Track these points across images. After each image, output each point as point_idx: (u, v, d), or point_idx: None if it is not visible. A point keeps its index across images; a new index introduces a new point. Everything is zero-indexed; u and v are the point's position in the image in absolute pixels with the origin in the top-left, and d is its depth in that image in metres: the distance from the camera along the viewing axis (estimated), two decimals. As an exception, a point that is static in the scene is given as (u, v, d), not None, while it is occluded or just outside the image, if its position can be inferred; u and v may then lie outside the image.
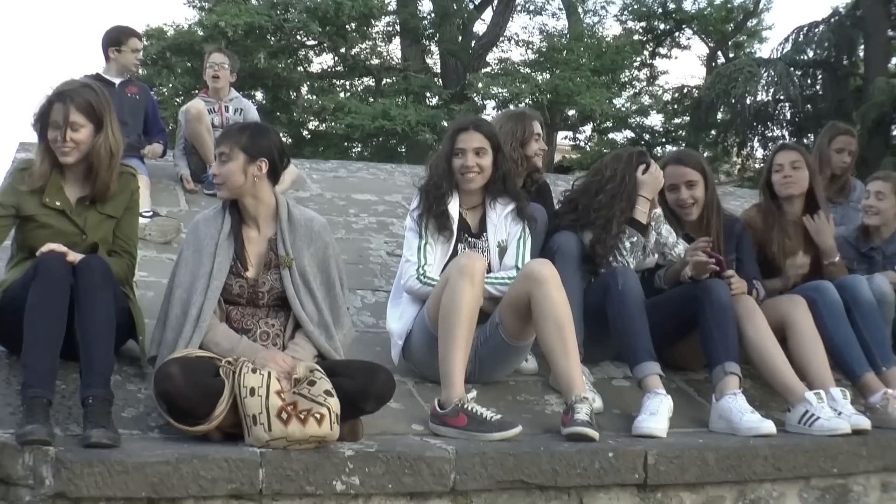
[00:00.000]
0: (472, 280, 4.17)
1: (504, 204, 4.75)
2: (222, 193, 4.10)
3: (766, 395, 4.92)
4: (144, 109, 7.17)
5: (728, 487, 4.15)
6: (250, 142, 4.04)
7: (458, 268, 4.21)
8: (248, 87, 20.31)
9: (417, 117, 18.61)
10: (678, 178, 5.17)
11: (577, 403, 4.04)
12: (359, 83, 24.04)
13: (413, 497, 3.64)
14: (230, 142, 4.05)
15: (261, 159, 4.03)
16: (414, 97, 20.66)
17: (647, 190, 4.92)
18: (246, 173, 4.01)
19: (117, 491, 3.23)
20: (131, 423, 3.85)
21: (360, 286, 5.63)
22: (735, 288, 4.77)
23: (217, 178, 4.06)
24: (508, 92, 19.03)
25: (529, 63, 20.87)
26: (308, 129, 23.30)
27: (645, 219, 4.89)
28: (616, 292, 4.55)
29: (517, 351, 4.54)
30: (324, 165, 8.85)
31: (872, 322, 5.04)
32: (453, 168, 4.69)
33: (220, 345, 3.88)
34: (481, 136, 4.70)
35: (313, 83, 22.86)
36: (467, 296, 4.15)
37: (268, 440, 3.49)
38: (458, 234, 4.64)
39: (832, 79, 18.96)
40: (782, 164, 5.47)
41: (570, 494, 3.88)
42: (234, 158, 4.01)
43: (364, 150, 22.19)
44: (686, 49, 24.78)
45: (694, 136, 19.95)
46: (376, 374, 3.78)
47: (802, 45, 18.92)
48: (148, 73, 20.50)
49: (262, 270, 4.06)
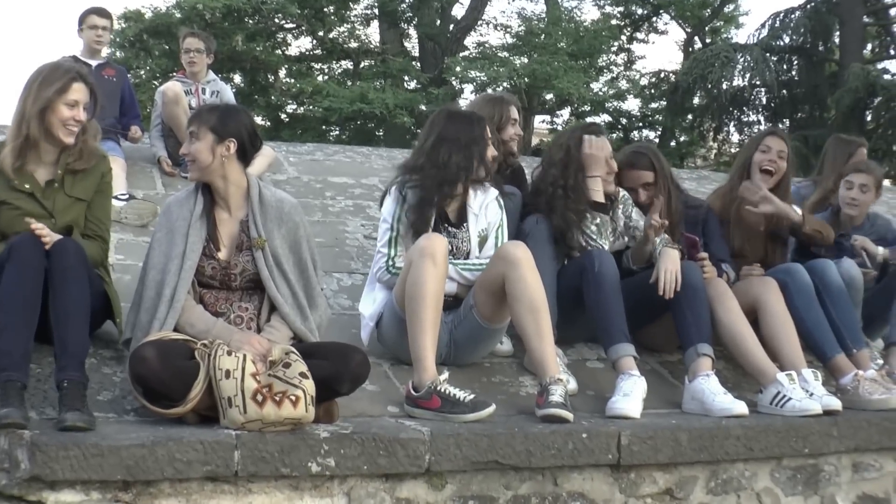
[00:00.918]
0: (434, 261, 4.16)
1: (485, 192, 4.74)
2: (192, 174, 4.11)
3: (739, 377, 4.96)
4: (121, 92, 7.14)
5: (701, 467, 4.19)
6: (219, 122, 4.04)
7: (420, 250, 4.20)
8: (226, 70, 20.22)
9: (395, 101, 18.57)
10: (634, 181, 5.22)
11: (551, 385, 4.07)
12: (337, 66, 23.96)
13: (388, 478, 3.66)
14: (199, 121, 4.06)
15: (229, 140, 4.02)
16: (392, 81, 20.59)
17: (592, 168, 4.94)
18: (214, 153, 4.01)
19: (93, 474, 3.23)
20: (107, 407, 3.85)
21: (336, 269, 5.63)
22: (707, 271, 4.81)
23: (187, 156, 4.08)
24: (486, 76, 19.02)
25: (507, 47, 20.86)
26: (286, 112, 23.22)
27: (601, 197, 4.91)
28: (592, 274, 4.57)
29: (492, 333, 4.55)
30: (301, 148, 8.83)
31: (842, 305, 5.07)
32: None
33: (196, 326, 3.89)
34: None
35: (291, 66, 22.75)
36: (431, 277, 4.14)
37: (243, 422, 3.50)
38: (436, 224, 4.61)
39: (808, 64, 19.03)
40: (770, 146, 5.45)
41: (544, 475, 3.92)
42: (202, 138, 4.02)
43: (342, 133, 22.11)
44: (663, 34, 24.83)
45: (670, 120, 19.99)
46: (351, 355, 3.79)
47: (778, 30, 18.97)
48: (125, 55, 20.39)
49: (234, 252, 4.06)
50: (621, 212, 5.02)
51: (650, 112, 22.22)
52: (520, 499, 3.87)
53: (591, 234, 4.84)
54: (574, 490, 3.96)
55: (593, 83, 21.03)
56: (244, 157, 4.11)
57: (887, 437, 4.54)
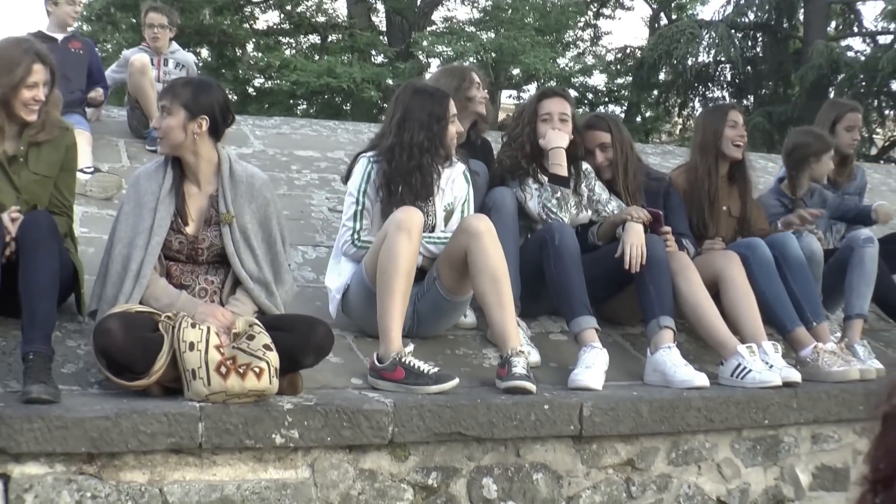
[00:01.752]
0: (409, 235, 4.17)
1: (452, 167, 4.74)
2: (162, 149, 4.08)
3: (700, 349, 5.01)
4: (88, 65, 7.08)
5: (662, 438, 4.24)
6: (192, 99, 4.00)
7: (396, 223, 4.21)
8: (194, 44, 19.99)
9: (362, 75, 18.47)
10: (591, 142, 5.26)
11: (513, 357, 4.10)
12: (304, 41, 23.79)
13: (352, 450, 3.70)
14: (172, 96, 4.01)
15: (201, 117, 3.99)
16: (359, 55, 20.49)
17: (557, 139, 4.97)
18: (186, 130, 3.98)
19: (57, 446, 3.24)
20: (71, 379, 3.85)
21: (301, 242, 5.64)
22: (669, 245, 4.85)
23: (158, 131, 4.05)
24: (453, 51, 18.91)
25: (475, 22, 20.74)
26: (253, 86, 23.05)
27: (563, 171, 4.93)
28: (553, 247, 4.60)
29: (455, 306, 4.57)
30: (267, 122, 8.80)
31: (802, 278, 5.13)
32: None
33: (160, 300, 3.88)
34: None
35: (259, 40, 22.58)
36: (405, 250, 4.15)
37: (207, 394, 3.51)
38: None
39: (772, 41, 19.08)
40: (737, 121, 5.49)
41: (506, 446, 3.96)
42: (174, 114, 3.98)
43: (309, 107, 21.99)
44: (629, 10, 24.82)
45: (636, 96, 20.00)
46: (315, 327, 3.80)
47: (744, 7, 18.98)
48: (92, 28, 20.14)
49: (202, 227, 4.05)
50: (584, 185, 5.05)
51: (616, 87, 22.22)
52: (482, 470, 3.91)
53: (552, 208, 4.87)
54: (536, 461, 4.00)
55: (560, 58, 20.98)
56: (216, 133, 4.09)
57: (846, 409, 4.60)
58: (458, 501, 3.86)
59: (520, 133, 5.03)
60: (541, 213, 4.87)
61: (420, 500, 3.80)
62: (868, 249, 5.41)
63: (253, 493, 3.53)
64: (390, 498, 3.74)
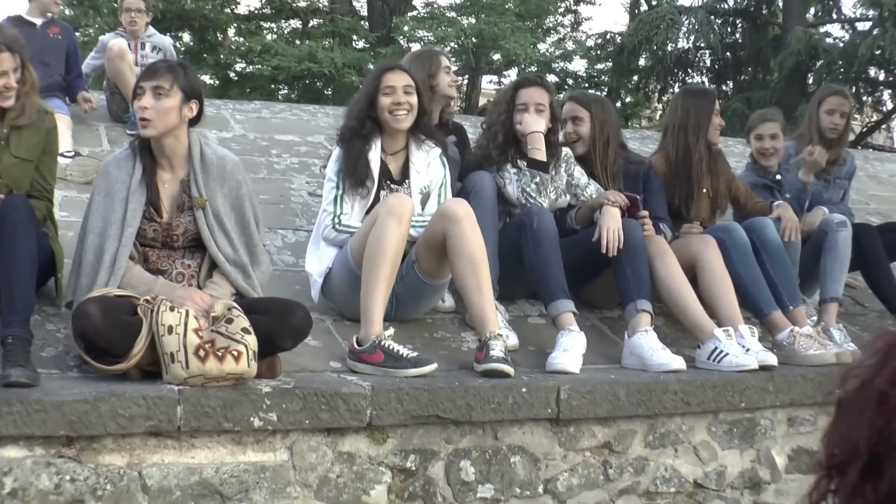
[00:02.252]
0: (399, 220, 4.18)
1: (429, 149, 4.76)
2: (149, 131, 3.97)
3: (677, 333, 5.04)
4: (66, 50, 7.05)
5: (639, 421, 4.27)
6: (187, 81, 4.00)
7: (387, 208, 4.21)
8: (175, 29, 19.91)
9: (344, 60, 18.45)
10: (567, 113, 5.32)
11: (491, 340, 4.11)
12: (286, 25, 23.75)
13: (330, 433, 3.71)
14: (170, 77, 3.96)
15: (194, 100, 4.01)
16: (340, 40, 20.47)
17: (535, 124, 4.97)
18: (180, 113, 3.98)
19: (35, 429, 3.25)
20: (50, 363, 3.85)
21: (280, 226, 5.64)
22: (647, 229, 4.87)
23: (147, 111, 3.92)
24: (434, 36, 18.92)
25: (455, 7, 20.73)
26: (235, 70, 22.99)
27: (542, 156, 4.93)
28: (531, 231, 4.61)
29: (433, 290, 4.59)
30: (247, 106, 8.77)
31: (779, 262, 5.16)
32: (379, 107, 4.63)
33: (137, 287, 3.87)
34: (407, 75, 4.70)
35: (240, 25, 22.52)
36: (394, 236, 4.16)
37: (185, 378, 3.52)
38: (379, 180, 4.61)
39: (751, 28, 19.13)
40: (719, 109, 5.56)
41: (484, 429, 3.98)
42: (171, 96, 3.94)
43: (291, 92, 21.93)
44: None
45: (616, 81, 20.01)
46: (293, 310, 3.81)
47: (723, -7, 19.08)
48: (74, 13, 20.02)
49: (175, 213, 4.04)
50: (564, 170, 5.07)
51: (596, 73, 22.23)
52: (460, 452, 3.93)
53: (531, 192, 4.88)
54: (514, 444, 4.02)
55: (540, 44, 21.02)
56: (198, 117, 4.10)
57: (822, 392, 4.62)
58: (436, 484, 3.88)
59: (495, 121, 5.04)
60: (520, 198, 4.89)
61: (398, 482, 3.82)
62: (841, 233, 5.45)
63: (231, 475, 3.54)
64: (368, 480, 3.76)
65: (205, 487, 3.50)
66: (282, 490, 3.62)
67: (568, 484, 4.11)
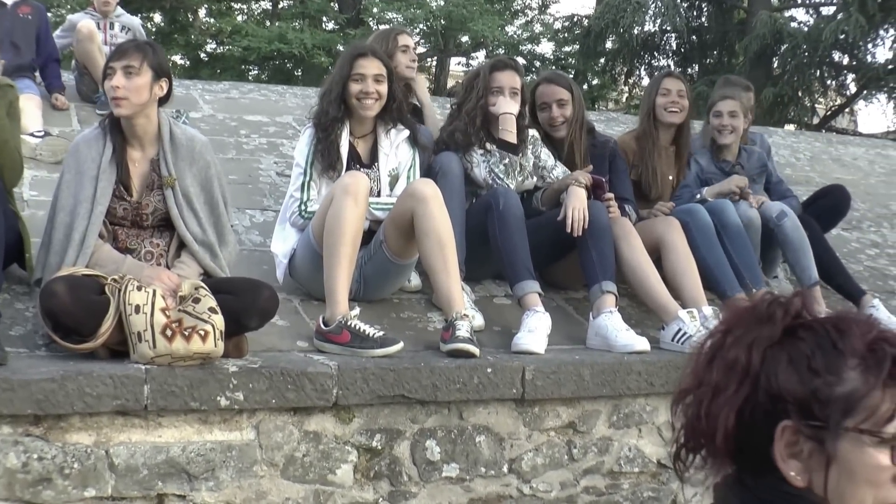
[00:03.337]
0: (355, 199, 4.20)
1: (397, 132, 4.77)
2: (122, 111, 3.97)
3: (642, 314, 5.08)
4: (37, 31, 6.99)
5: (603, 402, 4.31)
6: (156, 60, 4.02)
7: (343, 187, 4.24)
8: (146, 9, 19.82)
9: (313, 41, 18.45)
10: (549, 96, 5.33)
11: (457, 320, 4.13)
12: (256, 7, 23.71)
13: (296, 412, 3.73)
14: (139, 56, 3.98)
15: (163, 79, 4.03)
16: (310, 21, 20.43)
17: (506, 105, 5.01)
18: (151, 91, 3.99)
19: (3, 408, 3.24)
20: (18, 342, 3.85)
21: (249, 206, 5.64)
22: (612, 210, 4.91)
23: (119, 90, 3.93)
24: (403, 17, 18.94)
25: (424, -11, 20.76)
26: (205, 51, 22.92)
27: (513, 138, 4.97)
28: (497, 212, 4.63)
29: (401, 269, 4.61)
30: (216, 87, 8.76)
31: (741, 245, 5.21)
32: (348, 93, 4.66)
33: (105, 266, 3.87)
34: (379, 62, 4.69)
35: (211, 6, 22.42)
36: (351, 215, 4.18)
37: (153, 357, 3.52)
38: (347, 164, 4.63)
39: (717, 11, 19.22)
40: (670, 89, 5.61)
41: (450, 409, 4.00)
42: (142, 75, 3.96)
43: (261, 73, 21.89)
44: (577, -22, 24.85)
45: (583, 64, 20.06)
46: (259, 290, 3.82)
47: (689, -23, 19.13)
48: (45, -8, 19.80)
49: (145, 192, 4.05)
50: (531, 152, 5.10)
51: (563, 55, 22.30)
52: (426, 432, 3.96)
53: (499, 174, 4.91)
54: (479, 423, 4.06)
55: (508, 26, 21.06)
56: (167, 97, 4.11)
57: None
58: (402, 463, 3.91)
59: (473, 106, 5.04)
60: (486, 179, 4.92)
61: (364, 461, 3.85)
62: (785, 223, 5.49)
63: (198, 454, 3.56)
64: (334, 460, 3.78)
65: (171, 466, 3.52)
66: (248, 469, 3.64)
67: (532, 464, 4.15)
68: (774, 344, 1.48)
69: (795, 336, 1.48)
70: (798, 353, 1.46)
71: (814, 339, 1.46)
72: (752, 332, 1.49)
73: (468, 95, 5.08)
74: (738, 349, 1.48)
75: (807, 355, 1.45)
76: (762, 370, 1.46)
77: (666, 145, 5.68)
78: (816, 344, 1.46)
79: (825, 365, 1.44)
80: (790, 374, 1.45)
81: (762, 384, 1.46)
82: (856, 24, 15.30)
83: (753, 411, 1.46)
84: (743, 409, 1.47)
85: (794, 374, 1.44)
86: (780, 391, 1.44)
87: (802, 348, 1.46)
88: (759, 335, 1.48)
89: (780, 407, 1.44)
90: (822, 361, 1.44)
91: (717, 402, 1.49)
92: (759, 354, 1.47)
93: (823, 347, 1.45)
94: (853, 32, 15.42)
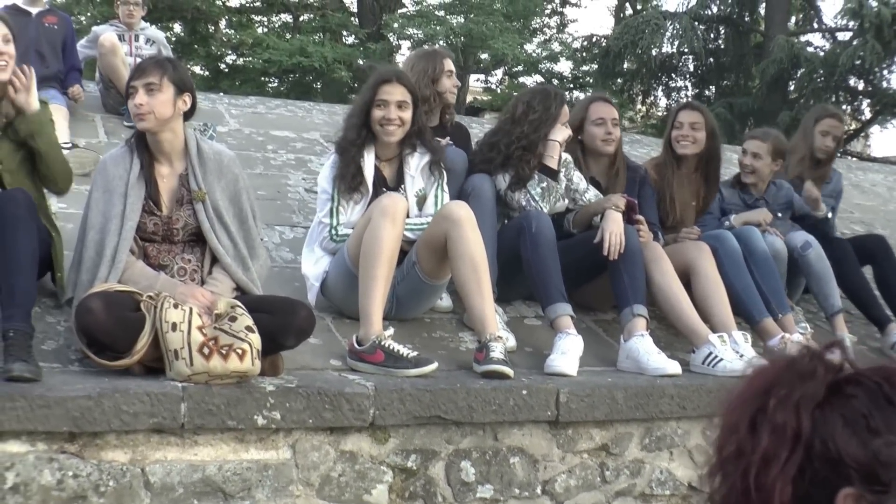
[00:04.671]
0: (393, 221, 4.21)
1: (421, 155, 4.75)
2: (146, 125, 3.98)
3: (672, 337, 5.08)
4: (63, 40, 7.00)
5: (636, 425, 4.30)
6: (178, 75, 4.03)
7: (381, 208, 4.24)
8: (167, 20, 19.95)
9: (334, 55, 18.53)
10: (607, 114, 5.35)
11: (491, 342, 4.13)
12: (277, 19, 23.81)
13: (333, 432, 3.72)
14: (159, 72, 3.99)
15: (186, 93, 4.04)
16: (331, 35, 20.53)
17: (560, 134, 5.02)
18: (175, 106, 4.00)
19: (38, 425, 3.24)
20: (51, 356, 3.84)
21: (278, 222, 5.64)
22: (643, 234, 4.91)
23: (142, 107, 3.95)
24: (423, 33, 19.01)
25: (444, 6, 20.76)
26: (226, 62, 23.05)
27: (555, 164, 4.98)
28: (529, 235, 4.64)
29: (433, 289, 4.61)
30: (242, 101, 8.77)
31: (767, 271, 5.25)
32: (372, 118, 4.65)
33: (139, 283, 3.86)
34: (404, 89, 4.67)
35: (232, 17, 22.56)
36: (388, 236, 4.19)
37: (189, 375, 3.52)
38: (374, 188, 4.62)
39: (734, 34, 19.21)
40: (682, 122, 5.63)
41: (485, 430, 3.99)
42: (164, 90, 3.97)
43: (281, 85, 21.99)
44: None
45: (601, 83, 20.04)
46: (297, 309, 3.82)
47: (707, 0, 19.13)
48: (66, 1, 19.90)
49: (175, 207, 4.05)
50: (563, 175, 5.09)
51: (581, 74, 22.37)
52: (461, 453, 3.95)
53: (535, 196, 4.91)
54: (514, 445, 4.04)
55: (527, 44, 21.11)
56: (192, 111, 4.11)
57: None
58: (437, 484, 3.90)
59: (532, 129, 5.01)
60: (520, 201, 4.91)
61: (399, 482, 3.83)
62: (809, 254, 5.56)
63: (234, 473, 3.55)
64: (370, 480, 3.77)
65: (207, 485, 3.51)
66: (284, 488, 3.63)
67: (566, 485, 4.14)
68: (822, 403, 1.34)
69: (843, 393, 1.35)
70: (853, 412, 1.32)
71: (866, 396, 1.33)
72: (797, 392, 1.35)
73: (535, 119, 5.04)
74: (786, 412, 1.34)
75: (863, 414, 1.32)
76: (815, 434, 1.33)
77: (689, 173, 5.66)
78: (870, 401, 1.33)
79: (885, 424, 1.31)
80: (848, 436, 1.31)
81: (817, 450, 1.32)
82: (872, 51, 15.30)
83: (810, 480, 1.32)
84: (797, 478, 1.33)
85: (852, 437, 1.31)
86: (839, 456, 1.31)
87: (857, 407, 1.32)
88: (803, 394, 1.35)
89: (841, 473, 1.31)
90: (881, 420, 1.31)
91: (768, 472, 1.34)
92: (808, 416, 1.33)
93: (878, 404, 1.32)
94: (869, 58, 15.41)
